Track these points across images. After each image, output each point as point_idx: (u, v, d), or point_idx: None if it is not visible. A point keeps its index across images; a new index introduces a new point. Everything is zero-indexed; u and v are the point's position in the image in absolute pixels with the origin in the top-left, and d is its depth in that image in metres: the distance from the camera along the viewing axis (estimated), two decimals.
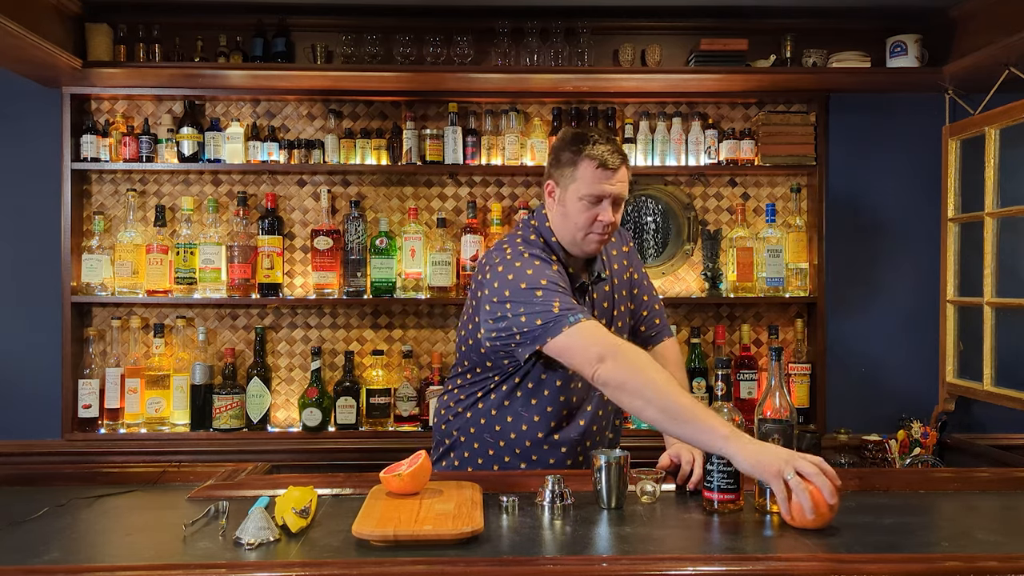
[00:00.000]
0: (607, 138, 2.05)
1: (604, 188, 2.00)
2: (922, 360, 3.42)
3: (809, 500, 1.56)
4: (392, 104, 3.45)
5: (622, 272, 2.23)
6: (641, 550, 1.52)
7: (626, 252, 2.27)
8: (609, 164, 2.00)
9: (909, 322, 3.46)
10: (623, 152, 2.05)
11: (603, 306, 2.16)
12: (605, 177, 2.00)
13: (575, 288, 2.08)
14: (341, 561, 1.44)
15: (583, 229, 2.03)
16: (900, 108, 3.45)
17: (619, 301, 2.19)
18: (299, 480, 1.92)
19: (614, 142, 2.05)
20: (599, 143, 2.02)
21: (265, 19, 3.27)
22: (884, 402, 3.42)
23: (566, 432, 2.12)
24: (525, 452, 2.13)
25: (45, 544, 1.54)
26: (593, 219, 2.02)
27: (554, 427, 2.11)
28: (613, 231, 2.06)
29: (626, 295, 2.22)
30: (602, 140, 2.03)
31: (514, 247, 2.07)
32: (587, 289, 2.13)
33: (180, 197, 3.38)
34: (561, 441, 2.12)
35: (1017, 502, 1.87)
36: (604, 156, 2.00)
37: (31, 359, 3.31)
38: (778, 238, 3.38)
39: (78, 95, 3.31)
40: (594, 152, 2.00)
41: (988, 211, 3.06)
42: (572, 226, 2.04)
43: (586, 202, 2.01)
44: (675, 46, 3.35)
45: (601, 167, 2.00)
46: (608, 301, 2.16)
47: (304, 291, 3.43)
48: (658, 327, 2.28)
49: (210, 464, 2.14)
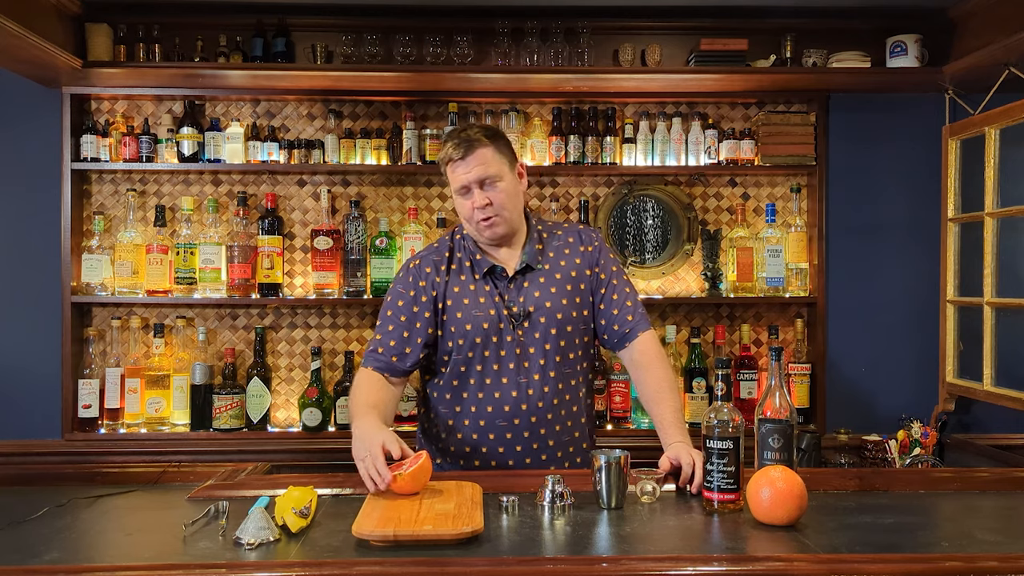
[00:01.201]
0: (460, 130, 2.15)
1: (461, 179, 2.12)
2: (922, 360, 3.42)
3: None
4: (392, 104, 3.45)
5: (570, 270, 2.21)
6: (641, 550, 1.52)
7: (586, 252, 2.24)
8: (454, 157, 2.11)
9: (909, 322, 3.46)
10: (475, 138, 2.11)
11: (533, 295, 2.16)
12: (458, 168, 2.12)
13: (486, 273, 2.18)
14: (341, 561, 1.44)
15: (470, 220, 2.16)
16: (900, 108, 3.45)
17: (557, 295, 2.17)
18: (299, 480, 1.93)
19: (466, 131, 2.13)
20: (449, 139, 2.14)
21: (265, 19, 3.27)
22: (884, 402, 3.43)
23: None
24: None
25: (45, 544, 1.54)
26: (471, 208, 2.13)
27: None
28: (500, 211, 2.12)
29: (571, 290, 2.19)
30: (451, 136, 2.14)
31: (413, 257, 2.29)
32: (506, 276, 2.18)
33: (180, 197, 3.38)
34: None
35: (1017, 502, 1.87)
36: (449, 152, 2.12)
37: (31, 359, 3.31)
38: (778, 238, 3.38)
39: (78, 95, 3.31)
40: (443, 152, 2.14)
41: (988, 211, 3.06)
42: (464, 220, 2.18)
43: (459, 196, 2.15)
44: (675, 46, 3.35)
45: (450, 162, 2.13)
46: (540, 291, 2.17)
47: (304, 291, 3.43)
48: (632, 323, 2.21)
49: (210, 464, 2.14)
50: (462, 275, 2.20)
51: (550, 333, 2.15)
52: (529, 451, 2.16)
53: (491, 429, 2.15)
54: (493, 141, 2.13)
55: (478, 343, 2.14)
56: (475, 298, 2.17)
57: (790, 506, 1.60)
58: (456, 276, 2.20)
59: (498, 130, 2.22)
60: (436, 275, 2.20)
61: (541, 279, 2.19)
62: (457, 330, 2.16)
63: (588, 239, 2.28)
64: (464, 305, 2.16)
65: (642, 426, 3.30)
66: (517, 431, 2.14)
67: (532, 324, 2.15)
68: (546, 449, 2.17)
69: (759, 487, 1.63)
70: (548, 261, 2.21)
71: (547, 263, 2.21)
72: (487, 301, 2.16)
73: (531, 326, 2.15)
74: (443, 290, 2.19)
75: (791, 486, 1.61)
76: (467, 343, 2.15)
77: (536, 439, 2.16)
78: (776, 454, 1.79)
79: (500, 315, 2.15)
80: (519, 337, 2.14)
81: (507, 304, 2.16)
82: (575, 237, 2.27)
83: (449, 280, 2.20)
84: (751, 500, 1.64)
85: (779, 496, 1.61)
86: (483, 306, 2.15)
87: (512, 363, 2.14)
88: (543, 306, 2.16)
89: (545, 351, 2.15)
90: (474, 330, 2.14)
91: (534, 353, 2.14)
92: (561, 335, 2.16)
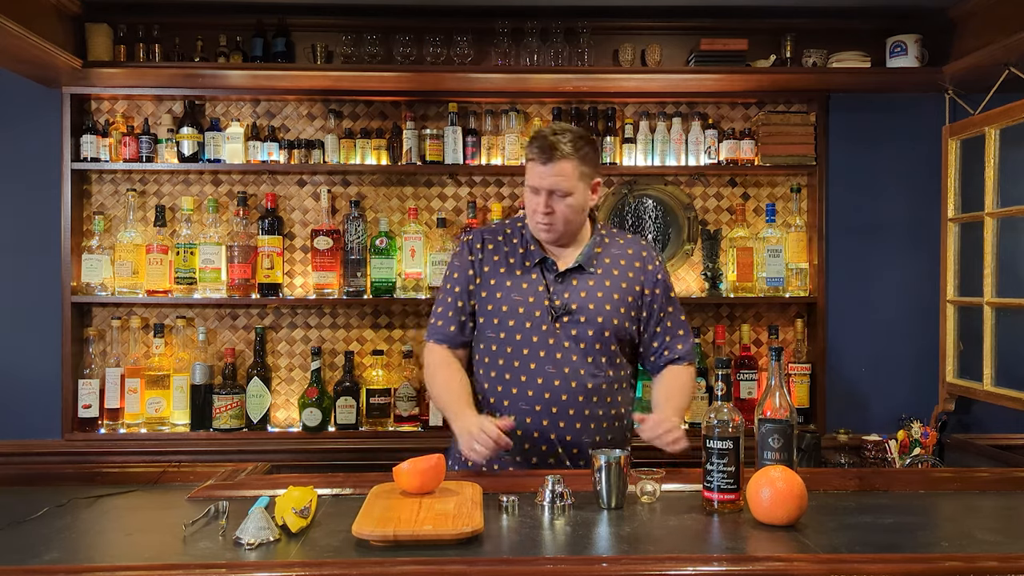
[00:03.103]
0: (553, 133, 2.15)
1: (535, 181, 2.15)
2: (922, 360, 3.42)
3: None
4: (392, 104, 3.45)
5: (622, 280, 2.24)
6: (641, 550, 1.52)
7: (644, 268, 2.28)
8: (539, 159, 2.13)
9: (909, 322, 3.46)
10: (561, 148, 2.12)
11: (580, 295, 2.19)
12: (536, 170, 2.14)
13: (536, 263, 2.22)
14: (341, 561, 1.44)
15: (529, 216, 2.21)
16: (900, 108, 3.45)
17: (603, 299, 2.20)
18: (299, 480, 1.93)
19: (559, 136, 2.13)
20: (539, 139, 2.15)
21: (265, 19, 3.27)
22: (884, 402, 3.42)
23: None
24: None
25: (45, 544, 1.54)
26: (534, 208, 2.17)
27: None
28: (558, 223, 2.16)
29: (618, 299, 2.21)
30: (545, 137, 2.14)
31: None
32: (556, 270, 2.21)
33: (180, 197, 3.38)
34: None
35: (1017, 502, 1.87)
36: (534, 151, 2.14)
37: (31, 359, 3.31)
38: (778, 238, 3.38)
39: (78, 95, 3.31)
40: (531, 147, 2.16)
41: (988, 211, 3.06)
42: (527, 213, 2.22)
43: (529, 191, 2.18)
44: (675, 46, 3.35)
45: (532, 161, 2.15)
46: (587, 292, 2.20)
47: (304, 291, 3.43)
48: (680, 351, 2.27)
49: (210, 464, 2.14)
50: (511, 259, 2.24)
51: (587, 334, 2.17)
52: (550, 444, 2.17)
53: (517, 412, 2.16)
54: (578, 154, 2.14)
55: (511, 326, 2.18)
56: (518, 283, 2.20)
57: (790, 506, 1.61)
58: (506, 258, 2.25)
59: (590, 139, 2.20)
60: (483, 252, 2.27)
61: (591, 281, 2.21)
62: (494, 308, 2.20)
63: (650, 257, 2.31)
64: (506, 287, 2.21)
65: None
66: (537, 420, 2.15)
67: (571, 321, 2.17)
68: (565, 444, 2.17)
69: (759, 487, 1.63)
70: (602, 266, 2.24)
71: (601, 267, 2.24)
72: (530, 288, 2.19)
73: (570, 322, 2.17)
74: (489, 268, 2.24)
75: (791, 486, 1.61)
76: (502, 324, 2.19)
77: (557, 433, 2.16)
78: (776, 454, 1.79)
79: (541, 305, 2.17)
80: (556, 330, 2.16)
81: (551, 297, 2.18)
82: (635, 249, 2.30)
83: (498, 260, 2.24)
84: (751, 500, 1.64)
85: (779, 496, 1.61)
86: (525, 292, 2.19)
87: (544, 352, 2.16)
88: (586, 307, 2.18)
89: (580, 349, 2.16)
90: (510, 313, 2.18)
91: (568, 348, 2.16)
92: (598, 338, 2.18)
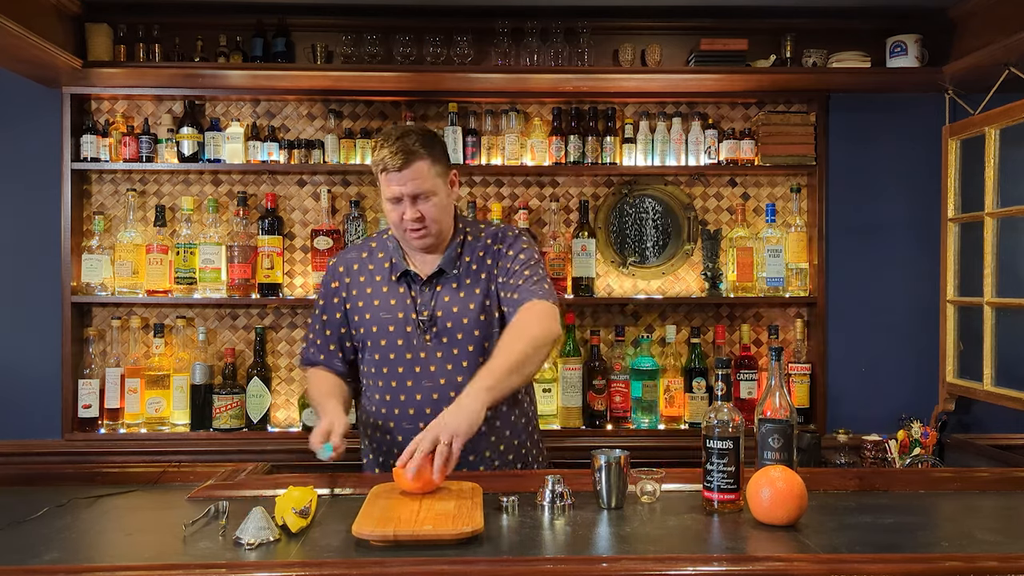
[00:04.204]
0: (398, 136, 2.03)
1: (394, 190, 2.04)
2: (922, 360, 3.42)
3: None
4: (392, 104, 3.45)
5: (481, 272, 2.15)
6: (641, 550, 1.52)
7: (498, 251, 2.17)
8: (390, 167, 2.02)
9: (909, 322, 3.46)
10: (411, 149, 2.01)
11: (444, 301, 2.12)
12: (393, 179, 2.04)
13: (400, 276, 2.14)
14: (341, 561, 1.44)
15: (397, 227, 2.10)
16: (900, 108, 3.45)
17: (466, 300, 2.12)
18: (299, 480, 1.93)
19: (404, 139, 2.02)
20: (384, 146, 2.03)
21: (265, 19, 3.27)
22: (884, 402, 3.42)
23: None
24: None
25: (45, 544, 1.54)
26: (400, 217, 2.07)
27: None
28: (430, 225, 2.06)
29: (479, 293, 2.13)
30: (389, 142, 2.03)
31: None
32: (422, 280, 2.13)
33: (180, 197, 3.38)
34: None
35: (1017, 502, 1.87)
36: (386, 161, 2.02)
37: (31, 359, 3.31)
38: (778, 238, 3.38)
39: (78, 95, 3.31)
40: (378, 156, 2.04)
41: (988, 211, 3.06)
42: (392, 226, 2.13)
43: (390, 204, 2.08)
44: (675, 46, 3.35)
45: (385, 171, 2.04)
46: (451, 296, 2.12)
47: (304, 291, 3.43)
48: (521, 288, 2.10)
49: (210, 464, 2.14)
50: (378, 276, 2.18)
51: (457, 339, 2.11)
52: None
53: (403, 432, 2.11)
54: (431, 152, 2.05)
55: (383, 345, 2.13)
56: (386, 300, 2.15)
57: (790, 506, 1.61)
58: (372, 277, 2.18)
59: (435, 136, 2.12)
60: (347, 275, 2.21)
61: (454, 285, 2.14)
62: (366, 331, 2.15)
63: (502, 238, 2.20)
64: (374, 307, 2.15)
65: (642, 426, 3.30)
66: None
67: (440, 330, 2.11)
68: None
69: (759, 487, 1.63)
70: (464, 266, 2.15)
71: (462, 268, 2.15)
72: (398, 304, 2.13)
73: (439, 332, 2.11)
74: (357, 290, 2.18)
75: (791, 486, 1.61)
76: (374, 344, 2.14)
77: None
78: (776, 454, 1.79)
79: (409, 319, 2.12)
80: (426, 343, 2.11)
81: (418, 309, 2.13)
82: (493, 239, 2.20)
83: (364, 280, 2.18)
84: (751, 500, 1.64)
85: (779, 496, 1.61)
86: (393, 308, 2.13)
87: (419, 367, 2.11)
88: (451, 312, 2.12)
89: (454, 356, 2.11)
90: (380, 332, 2.13)
91: (441, 358, 2.11)
92: (469, 341, 2.11)
